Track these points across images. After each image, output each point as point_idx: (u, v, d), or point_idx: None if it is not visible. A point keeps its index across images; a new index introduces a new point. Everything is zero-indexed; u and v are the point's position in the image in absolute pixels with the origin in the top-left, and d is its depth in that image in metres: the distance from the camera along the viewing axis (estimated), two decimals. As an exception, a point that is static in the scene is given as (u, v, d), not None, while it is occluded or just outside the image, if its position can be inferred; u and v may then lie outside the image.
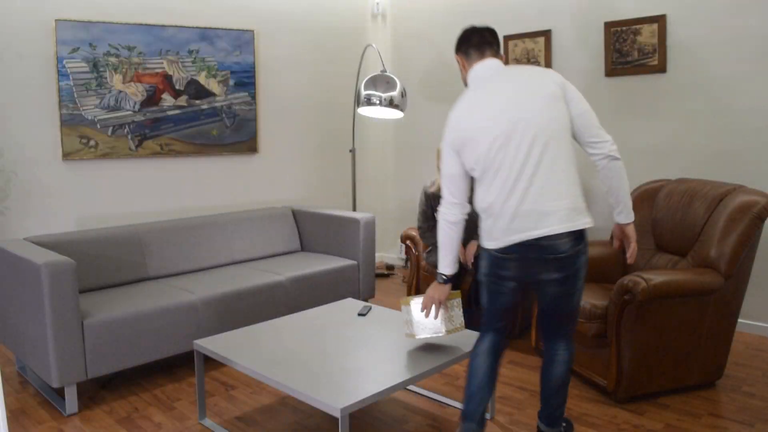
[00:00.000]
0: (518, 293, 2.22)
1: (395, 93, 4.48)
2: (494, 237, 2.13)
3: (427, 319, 2.48)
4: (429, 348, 2.54)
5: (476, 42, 2.25)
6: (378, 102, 4.45)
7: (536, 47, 4.48)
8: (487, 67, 2.22)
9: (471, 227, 2.84)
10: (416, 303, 2.52)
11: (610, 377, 2.80)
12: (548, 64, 4.43)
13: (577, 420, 2.66)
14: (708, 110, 3.74)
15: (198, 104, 4.40)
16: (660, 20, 3.82)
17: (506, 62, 4.60)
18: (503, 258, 2.14)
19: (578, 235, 2.10)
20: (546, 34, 4.42)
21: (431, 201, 3.72)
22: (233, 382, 3.14)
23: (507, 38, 4.63)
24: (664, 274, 2.74)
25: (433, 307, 2.41)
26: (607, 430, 2.58)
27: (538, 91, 2.10)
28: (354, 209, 5.09)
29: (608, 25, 4.06)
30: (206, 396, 2.96)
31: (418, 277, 3.99)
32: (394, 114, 4.62)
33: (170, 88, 4.26)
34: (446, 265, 2.31)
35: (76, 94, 3.87)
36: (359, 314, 3.00)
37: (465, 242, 3.48)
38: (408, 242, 4.08)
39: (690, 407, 2.77)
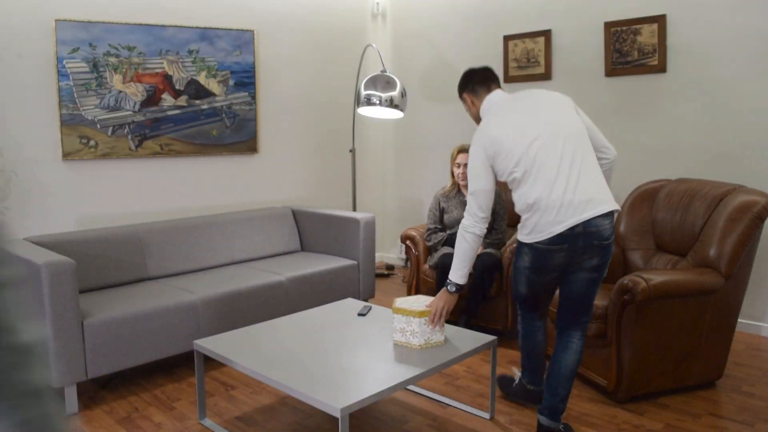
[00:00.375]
0: (555, 281, 2.38)
1: (395, 93, 4.48)
2: (541, 230, 2.24)
3: (428, 328, 2.49)
4: (429, 348, 2.54)
5: (480, 78, 2.47)
6: (378, 102, 4.45)
7: (536, 47, 4.48)
8: (498, 95, 2.43)
9: None
10: (416, 313, 2.50)
11: (610, 377, 2.80)
12: (548, 64, 4.42)
13: (577, 420, 2.66)
14: (708, 110, 3.74)
15: (198, 104, 4.40)
16: (660, 20, 3.82)
17: (507, 65, 4.61)
18: (551, 250, 2.25)
19: (613, 223, 2.27)
20: (546, 34, 4.42)
21: (440, 202, 3.80)
22: (233, 382, 3.14)
23: (507, 38, 4.63)
24: (664, 274, 2.74)
25: (441, 316, 2.50)
26: (607, 430, 2.58)
27: (558, 103, 2.38)
28: (354, 209, 5.09)
29: (608, 25, 4.06)
30: (206, 396, 2.96)
31: (418, 277, 3.99)
32: (394, 114, 4.62)
33: (170, 88, 4.26)
34: (462, 276, 2.43)
35: (76, 94, 3.87)
36: (359, 314, 3.00)
37: None
38: (408, 242, 4.08)
39: (690, 407, 2.77)
